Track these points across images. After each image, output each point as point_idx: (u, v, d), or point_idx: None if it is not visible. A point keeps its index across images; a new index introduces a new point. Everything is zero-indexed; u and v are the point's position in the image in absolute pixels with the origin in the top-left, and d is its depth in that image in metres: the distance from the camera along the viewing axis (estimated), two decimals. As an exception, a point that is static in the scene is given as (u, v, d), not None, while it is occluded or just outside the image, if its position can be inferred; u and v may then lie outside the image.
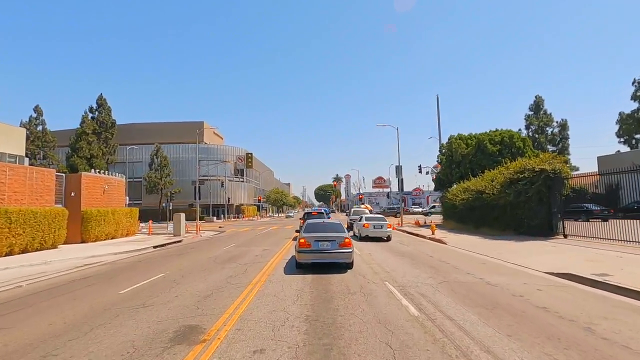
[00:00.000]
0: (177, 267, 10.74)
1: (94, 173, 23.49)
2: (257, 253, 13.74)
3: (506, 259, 11.57)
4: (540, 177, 16.83)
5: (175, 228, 25.55)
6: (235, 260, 11.89)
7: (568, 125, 35.93)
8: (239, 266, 10.47)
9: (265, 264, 10.67)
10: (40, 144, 51.38)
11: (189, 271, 9.93)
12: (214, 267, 10.53)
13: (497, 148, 26.31)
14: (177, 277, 9.07)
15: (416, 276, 8.59)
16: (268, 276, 8.77)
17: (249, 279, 8.34)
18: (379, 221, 18.25)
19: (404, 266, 10.17)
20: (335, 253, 9.14)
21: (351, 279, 8.24)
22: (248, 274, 9.06)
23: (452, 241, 17.08)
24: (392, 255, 12.77)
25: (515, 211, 18.50)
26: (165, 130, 66.50)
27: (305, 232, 9.79)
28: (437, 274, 8.96)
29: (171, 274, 9.65)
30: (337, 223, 10.82)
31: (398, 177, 30.69)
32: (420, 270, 9.50)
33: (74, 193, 21.42)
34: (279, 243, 17.61)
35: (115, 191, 25.47)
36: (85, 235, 21.00)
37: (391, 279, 8.28)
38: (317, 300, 6.32)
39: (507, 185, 18.42)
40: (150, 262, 12.28)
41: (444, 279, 8.28)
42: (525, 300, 6.38)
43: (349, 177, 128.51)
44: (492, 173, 21.46)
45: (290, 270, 9.43)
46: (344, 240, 9.33)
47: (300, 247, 9.29)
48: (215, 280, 8.33)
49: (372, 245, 16.24)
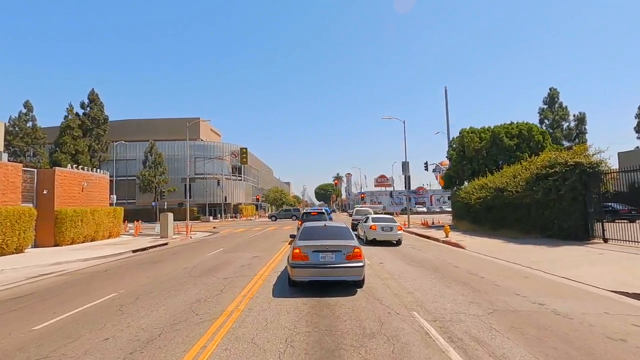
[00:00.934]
0: (140, 282, 8.51)
1: (71, 169, 21.23)
2: (244, 261, 11.51)
3: (550, 270, 9.37)
4: (575, 172, 14.58)
5: (162, 229, 23.34)
6: (216, 272, 9.64)
7: (586, 119, 33.63)
8: (217, 282, 8.25)
9: (250, 280, 8.42)
10: (30, 140, 49.12)
11: (150, 289, 7.71)
12: (185, 282, 8.29)
13: (514, 142, 24.05)
14: (130, 299, 6.84)
15: (452, 300, 6.35)
16: (250, 300, 6.52)
17: (222, 307, 6.08)
18: (388, 222, 15.99)
19: (429, 282, 7.92)
20: (341, 268, 6.87)
21: (364, 306, 6.00)
22: (224, 297, 6.82)
23: (471, 245, 14.85)
24: (409, 265, 10.53)
25: (542, 211, 16.27)
26: (160, 127, 64.23)
27: (302, 240, 7.53)
28: (477, 295, 6.73)
29: (126, 293, 7.43)
30: (343, 227, 8.40)
31: (405, 174, 28.43)
32: (452, 289, 7.26)
33: (47, 191, 19.21)
34: (273, 248, 15.36)
35: (96, 189, 23.25)
36: (59, 238, 18.81)
37: (419, 305, 6.04)
38: (315, 353, 4.08)
39: (534, 182, 16.17)
40: (113, 274, 10.06)
41: (492, 305, 6.05)
42: (634, 348, 4.15)
43: (350, 175, 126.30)
44: (513, 168, 19.21)
45: (281, 292, 7.18)
46: (353, 251, 7.05)
47: (294, 259, 7.05)
48: (176, 307, 6.10)
49: (381, 250, 14.01)
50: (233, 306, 6.08)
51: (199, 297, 6.86)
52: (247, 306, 6.08)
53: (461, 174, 26.78)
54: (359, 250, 7.07)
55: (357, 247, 7.10)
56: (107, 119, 52.61)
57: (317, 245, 7.07)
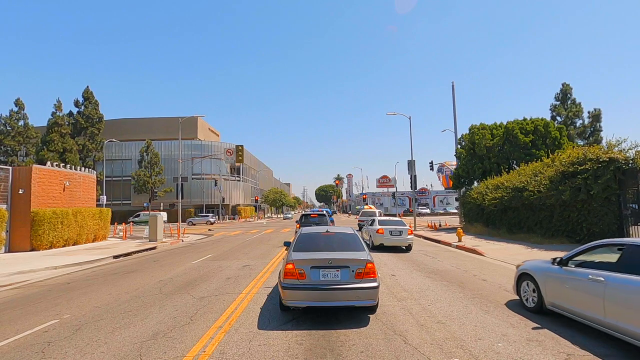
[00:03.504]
0: (95, 302, 6.83)
1: (51, 166, 19.58)
2: (231, 272, 9.81)
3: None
4: (609, 169, 12.89)
5: (151, 232, 21.66)
6: (193, 287, 7.94)
7: (601, 116, 31.92)
8: (190, 304, 6.49)
9: (233, 300, 6.65)
10: (22, 139, 47.60)
11: (102, 313, 6.03)
12: (150, 304, 6.59)
13: (529, 138, 22.38)
14: (68, 331, 5.16)
15: (501, 336, 4.66)
16: (225, 335, 4.82)
17: (185, 347, 4.36)
18: (397, 226, 14.29)
19: (461, 305, 6.23)
20: (348, 290, 5.14)
21: (383, 347, 4.26)
22: (192, 328, 5.12)
23: (490, 252, 13.17)
24: (427, 277, 8.85)
25: (568, 213, 14.60)
26: (157, 127, 62.62)
27: (297, 251, 5.79)
28: (531, 327, 5.04)
29: (69, 319, 5.76)
30: (349, 233, 6.56)
31: (411, 173, 26.73)
32: (493, 316, 5.58)
33: (23, 190, 17.56)
34: (267, 255, 13.66)
35: (80, 188, 21.61)
36: (36, 242, 17.17)
37: (459, 345, 4.35)
38: None
39: (560, 181, 14.48)
40: (72, 289, 8.39)
41: (558, 345, 4.37)
42: None
43: (351, 176, 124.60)
44: (532, 166, 17.54)
45: (269, 320, 5.43)
46: (365, 267, 5.28)
47: (287, 277, 5.29)
48: (120, 348, 4.36)
49: (391, 258, 12.32)
50: (199, 346, 4.39)
51: (159, 328, 5.16)
52: (219, 347, 4.37)
53: (471, 173, 25.10)
54: (372, 265, 5.36)
55: (370, 262, 5.38)
56: (102, 117, 51.01)
57: (317, 259, 5.37)
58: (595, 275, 4.59)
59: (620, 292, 4.21)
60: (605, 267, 4.66)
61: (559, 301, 5.24)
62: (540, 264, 5.97)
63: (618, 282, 4.26)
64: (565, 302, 5.10)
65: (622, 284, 4.19)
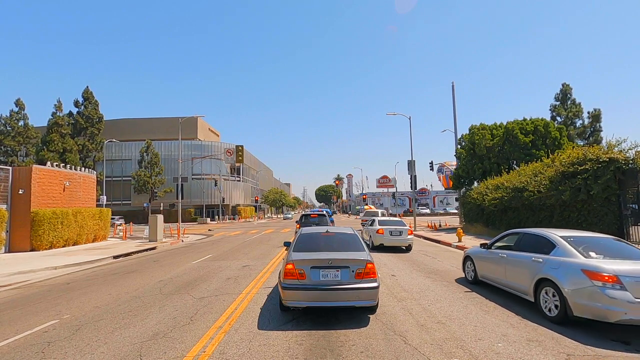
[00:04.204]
0: (95, 303, 6.84)
1: (51, 166, 19.58)
2: (231, 273, 9.81)
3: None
4: (609, 169, 12.88)
5: (151, 232, 21.67)
6: (193, 288, 7.94)
7: (601, 117, 31.92)
8: (190, 304, 6.51)
9: (233, 300, 6.66)
10: (22, 140, 47.57)
11: (102, 314, 6.04)
12: (150, 304, 6.60)
13: (529, 138, 22.37)
14: (68, 331, 5.17)
15: (501, 336, 4.67)
16: (226, 335, 4.83)
17: (185, 347, 4.37)
18: (397, 226, 14.29)
19: (461, 305, 6.24)
20: (349, 290, 5.15)
21: (383, 348, 4.29)
22: (192, 328, 5.12)
23: (491, 252, 13.17)
24: (427, 278, 8.86)
25: (567, 213, 14.60)
26: (158, 127, 62.59)
27: (297, 251, 5.76)
28: (531, 328, 5.08)
29: (69, 319, 5.77)
30: (350, 233, 6.59)
31: (411, 173, 26.73)
32: (493, 316, 5.59)
33: (23, 190, 17.57)
34: (267, 255, 13.66)
35: (80, 188, 21.61)
36: (36, 242, 17.17)
37: (459, 345, 4.36)
38: None
39: (560, 181, 14.47)
40: (72, 289, 8.39)
41: (558, 345, 4.39)
42: None
43: (351, 176, 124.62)
44: (533, 166, 17.54)
45: (270, 320, 5.42)
46: (365, 267, 5.29)
47: (287, 277, 5.30)
48: (120, 348, 4.38)
49: (391, 258, 12.32)
50: (199, 347, 4.39)
51: (159, 328, 5.16)
52: (219, 347, 4.38)
53: (471, 173, 25.10)
54: (372, 265, 5.36)
55: (370, 262, 5.39)
56: (102, 117, 50.98)
57: (317, 259, 5.37)
58: (502, 254, 7.02)
59: (512, 263, 6.64)
60: (508, 248, 7.06)
61: (485, 273, 7.58)
62: (476, 249, 8.28)
63: (512, 256, 6.71)
64: (488, 273, 7.45)
65: (513, 257, 6.66)
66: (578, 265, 5.16)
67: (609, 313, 4.62)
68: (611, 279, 4.74)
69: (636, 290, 4.62)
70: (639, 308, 4.49)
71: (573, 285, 5.06)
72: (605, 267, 4.90)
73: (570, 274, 5.17)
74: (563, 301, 5.14)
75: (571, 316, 5.03)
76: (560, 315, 5.18)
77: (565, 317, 5.12)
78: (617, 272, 4.79)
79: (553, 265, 5.53)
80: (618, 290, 4.65)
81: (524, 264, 6.22)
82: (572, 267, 5.21)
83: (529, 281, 5.93)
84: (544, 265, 5.70)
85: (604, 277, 4.78)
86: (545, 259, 5.78)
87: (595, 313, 4.78)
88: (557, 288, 5.27)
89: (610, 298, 4.63)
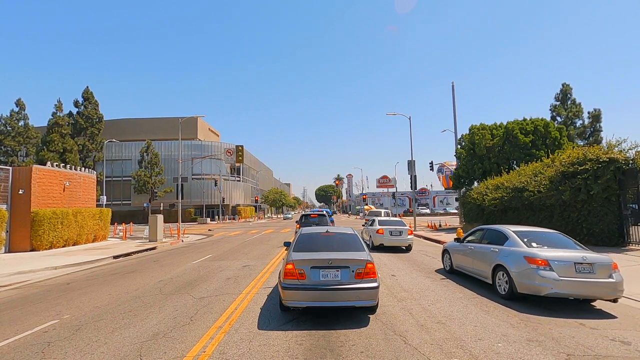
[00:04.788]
0: (95, 303, 6.84)
1: (51, 166, 19.58)
2: (231, 273, 9.81)
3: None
4: (609, 169, 12.89)
5: (151, 232, 21.67)
6: (193, 288, 7.94)
7: (601, 117, 31.93)
8: (190, 304, 6.49)
9: (233, 300, 6.63)
10: (22, 140, 47.57)
11: (102, 314, 6.04)
12: (150, 304, 6.60)
13: (529, 138, 22.39)
14: (68, 331, 5.16)
15: (502, 336, 4.67)
16: (225, 335, 4.83)
17: (185, 348, 4.36)
18: (397, 226, 14.30)
19: (461, 305, 6.25)
20: (349, 290, 5.14)
21: (383, 348, 4.27)
22: (192, 328, 5.11)
23: (491, 252, 13.18)
24: (427, 278, 8.87)
25: (567, 213, 14.61)
26: (158, 127, 62.57)
27: (297, 251, 5.74)
28: (532, 328, 5.08)
29: (69, 319, 5.77)
30: (350, 233, 6.56)
31: (411, 173, 26.73)
32: (494, 316, 5.59)
33: (23, 190, 17.56)
34: (267, 255, 13.66)
35: (80, 188, 21.62)
36: (36, 242, 17.17)
37: (459, 345, 4.35)
38: None
39: (560, 181, 14.47)
40: (72, 289, 8.39)
41: (558, 345, 4.40)
42: None
43: (351, 176, 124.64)
44: (533, 166, 17.55)
45: (270, 320, 5.41)
46: (365, 267, 5.28)
47: (287, 277, 5.29)
48: (120, 348, 4.37)
49: (391, 258, 12.32)
50: (199, 347, 4.39)
51: (160, 328, 5.16)
52: (219, 347, 4.37)
53: (471, 173, 25.12)
54: (372, 265, 5.36)
55: (370, 262, 5.39)
56: (102, 117, 51.01)
57: (317, 259, 5.36)
58: (470, 246, 8.43)
59: (477, 253, 8.03)
60: (476, 241, 8.42)
61: (459, 263, 8.97)
62: (452, 243, 9.69)
63: (477, 248, 8.11)
64: (461, 263, 8.83)
65: (478, 249, 8.05)
66: (522, 253, 6.51)
67: (540, 288, 5.98)
68: (543, 263, 6.09)
69: (560, 271, 5.96)
70: (561, 284, 5.84)
71: (517, 268, 6.45)
72: (539, 253, 6.26)
73: (516, 260, 6.55)
74: (511, 281, 6.52)
75: (516, 293, 6.41)
76: (509, 293, 6.56)
77: (513, 294, 6.49)
78: (547, 257, 6.14)
79: (505, 254, 6.92)
80: (548, 271, 6.00)
81: (485, 254, 7.64)
82: (517, 255, 6.59)
83: (488, 267, 7.34)
84: (498, 254, 7.09)
85: (538, 261, 6.13)
86: (500, 249, 7.17)
87: (532, 289, 6.14)
88: (507, 271, 6.65)
89: (542, 277, 5.98)
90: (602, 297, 5.99)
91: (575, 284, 5.83)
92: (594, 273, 5.93)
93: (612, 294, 5.87)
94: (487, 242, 7.85)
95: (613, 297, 5.91)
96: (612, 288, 5.83)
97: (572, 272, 5.91)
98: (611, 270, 5.99)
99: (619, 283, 5.88)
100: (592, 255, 6.13)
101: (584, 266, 5.96)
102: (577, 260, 6.00)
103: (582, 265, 5.96)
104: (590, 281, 5.85)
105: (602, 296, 5.95)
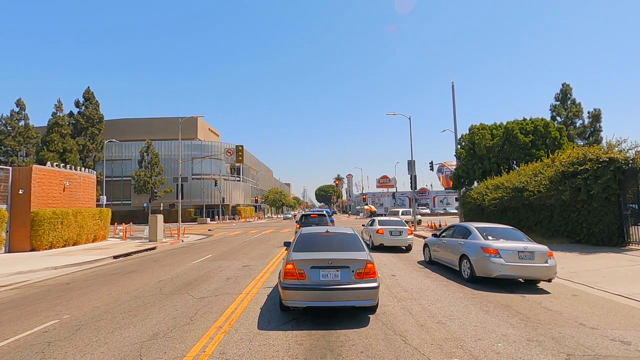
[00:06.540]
0: (95, 303, 6.84)
1: (51, 166, 19.58)
2: (231, 273, 9.81)
3: (597, 284, 7.84)
4: (609, 169, 12.89)
5: (151, 232, 21.69)
6: (193, 288, 7.95)
7: (601, 116, 31.91)
8: (190, 304, 6.49)
9: (233, 300, 6.62)
10: (22, 140, 47.56)
11: (102, 314, 6.04)
12: (150, 304, 6.60)
13: (529, 138, 22.37)
14: (68, 331, 5.17)
15: (501, 336, 4.68)
16: (225, 335, 4.83)
17: (185, 348, 4.36)
18: (397, 226, 14.30)
19: (461, 305, 6.25)
20: (349, 290, 5.14)
21: (383, 348, 4.27)
22: (192, 328, 5.11)
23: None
24: (427, 278, 8.87)
25: (567, 213, 14.62)
26: (158, 127, 62.56)
27: (297, 251, 5.75)
28: (531, 328, 5.06)
29: (69, 319, 5.77)
30: (350, 233, 6.54)
31: (411, 173, 26.74)
32: (493, 316, 5.60)
33: (23, 190, 17.56)
34: (267, 255, 13.67)
35: (80, 188, 21.62)
36: (36, 242, 17.16)
37: (459, 345, 4.36)
38: None
39: (559, 181, 14.47)
40: (72, 289, 8.40)
41: (558, 345, 4.40)
42: None
43: (351, 176, 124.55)
44: (533, 166, 17.54)
45: (270, 320, 5.40)
46: (365, 267, 5.28)
47: (287, 277, 5.29)
48: (120, 348, 4.36)
49: (391, 258, 12.33)
50: (199, 347, 4.40)
51: (159, 328, 5.16)
52: (219, 347, 4.38)
53: (471, 173, 25.09)
54: (372, 265, 5.36)
55: (370, 262, 5.39)
56: (102, 117, 50.99)
57: (317, 259, 5.36)
58: (444, 240, 10.06)
59: (449, 246, 9.60)
60: (448, 236, 9.99)
61: (435, 254, 10.57)
62: (431, 238, 11.17)
63: (449, 241, 9.68)
64: (437, 254, 10.42)
65: (450, 242, 9.63)
66: (480, 244, 8.09)
67: (492, 272, 7.59)
68: (494, 252, 7.66)
69: (507, 258, 7.53)
70: (507, 268, 7.43)
71: (476, 256, 8.01)
72: (492, 244, 7.86)
73: (475, 250, 8.12)
74: (471, 267, 8.06)
75: (475, 277, 7.96)
76: (471, 277, 8.08)
77: (473, 277, 8.02)
78: (498, 247, 7.71)
79: (468, 245, 8.49)
80: (497, 258, 7.57)
81: (454, 246, 9.20)
82: (476, 246, 8.17)
83: (456, 257, 8.90)
84: (463, 246, 8.68)
85: (491, 250, 7.71)
86: (464, 242, 8.74)
87: (486, 272, 7.72)
88: (468, 259, 8.21)
89: (493, 263, 7.57)
90: (540, 278, 7.60)
91: (518, 268, 7.42)
92: (534, 259, 7.50)
93: (547, 275, 7.45)
94: (456, 236, 9.42)
95: (548, 277, 7.50)
96: (548, 271, 7.42)
97: (516, 259, 7.48)
98: (547, 257, 7.53)
99: (552, 267, 7.46)
100: (533, 246, 7.74)
101: (526, 254, 7.52)
102: (520, 249, 7.54)
103: (524, 253, 7.52)
104: (530, 265, 7.45)
105: (539, 277, 7.55)
